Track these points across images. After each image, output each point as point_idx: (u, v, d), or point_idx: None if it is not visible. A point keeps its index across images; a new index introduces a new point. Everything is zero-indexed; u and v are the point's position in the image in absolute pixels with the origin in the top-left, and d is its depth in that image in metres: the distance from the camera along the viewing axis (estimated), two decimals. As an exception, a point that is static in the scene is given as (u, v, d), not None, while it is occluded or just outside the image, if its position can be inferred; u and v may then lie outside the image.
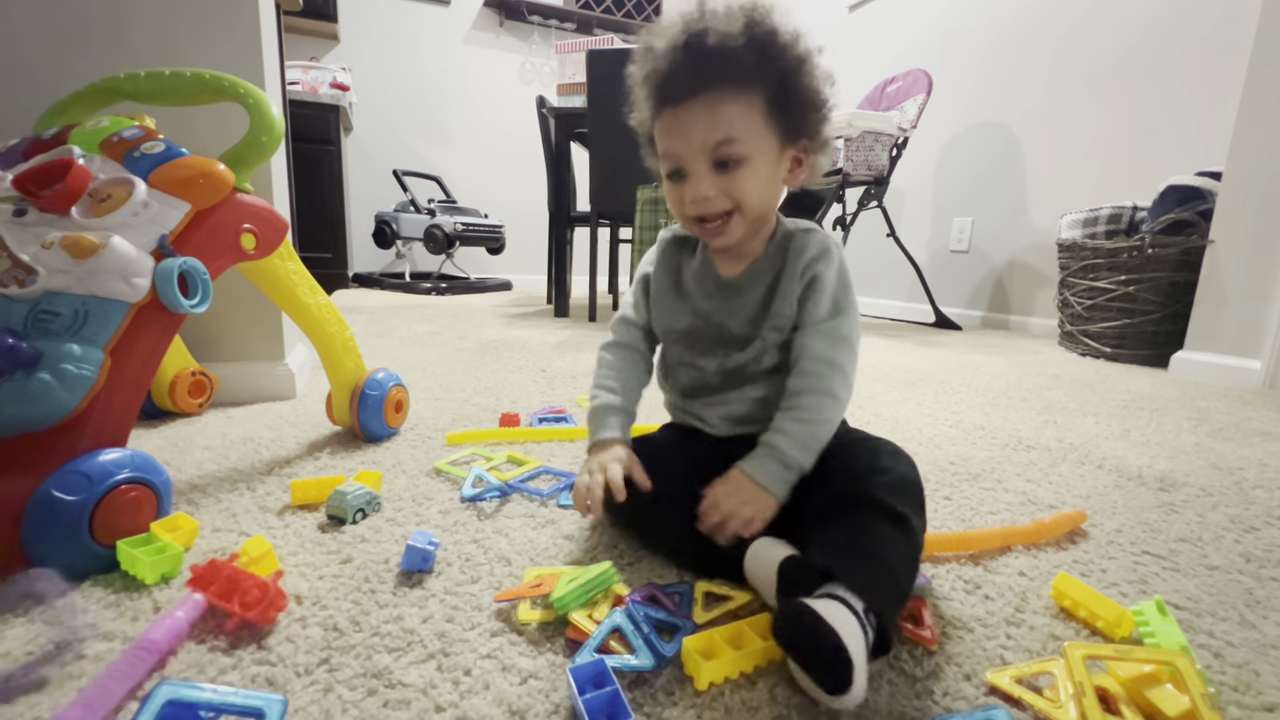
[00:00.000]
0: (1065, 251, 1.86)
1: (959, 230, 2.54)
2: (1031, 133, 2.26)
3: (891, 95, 2.37)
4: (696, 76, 0.50)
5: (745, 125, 0.51)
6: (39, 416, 0.50)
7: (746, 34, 0.50)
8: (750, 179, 0.52)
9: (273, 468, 0.75)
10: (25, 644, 0.42)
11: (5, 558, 0.48)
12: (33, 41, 0.86)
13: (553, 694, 0.39)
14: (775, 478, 0.51)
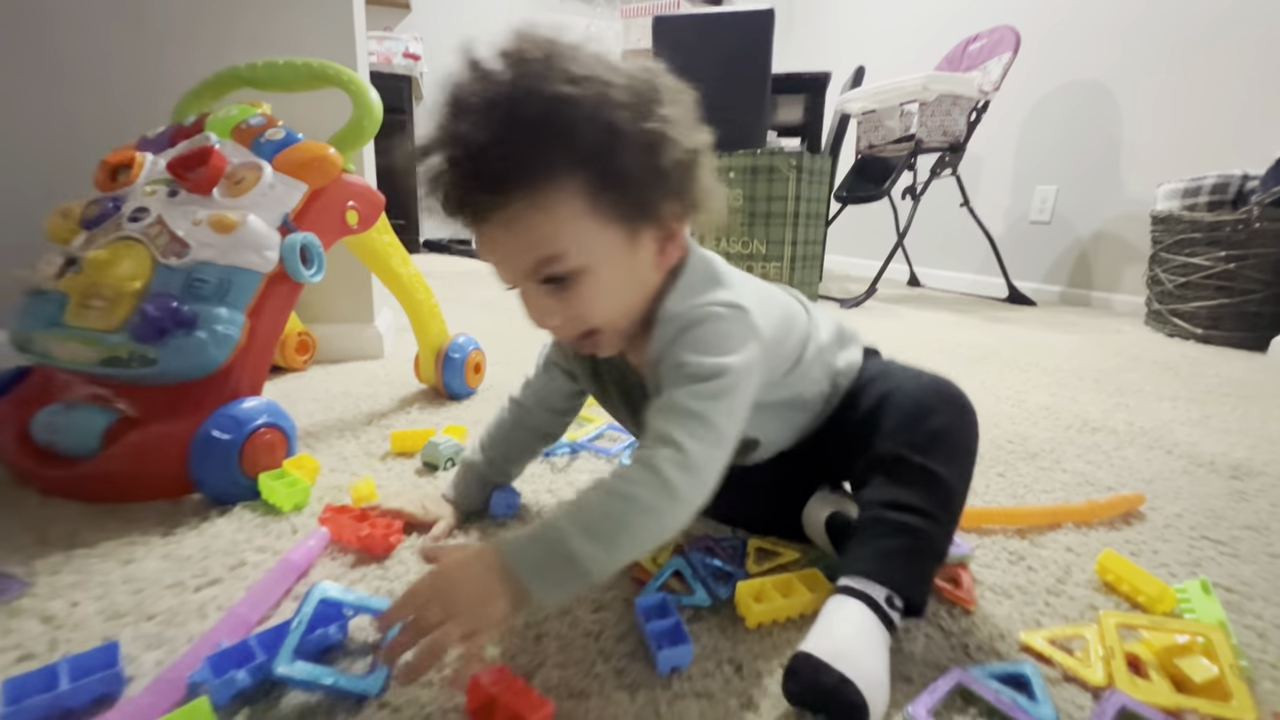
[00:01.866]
0: (1159, 224, 1.73)
1: (1041, 199, 2.39)
2: (1130, 92, 2.08)
3: (974, 54, 2.23)
4: (472, 199, 0.39)
5: (564, 235, 0.38)
6: (195, 368, 0.59)
7: (519, 120, 0.36)
8: (593, 295, 0.41)
9: (371, 419, 0.84)
10: None
11: (177, 483, 0.58)
12: (166, 38, 0.96)
13: (620, 622, 0.45)
14: (534, 567, 0.35)
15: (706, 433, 0.38)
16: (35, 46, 0.92)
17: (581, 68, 0.37)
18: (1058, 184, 2.33)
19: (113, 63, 0.95)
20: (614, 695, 0.38)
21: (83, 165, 0.75)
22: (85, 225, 0.66)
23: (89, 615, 0.44)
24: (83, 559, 0.50)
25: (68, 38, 0.93)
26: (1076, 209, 2.28)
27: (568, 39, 0.39)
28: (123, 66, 0.95)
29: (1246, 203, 1.55)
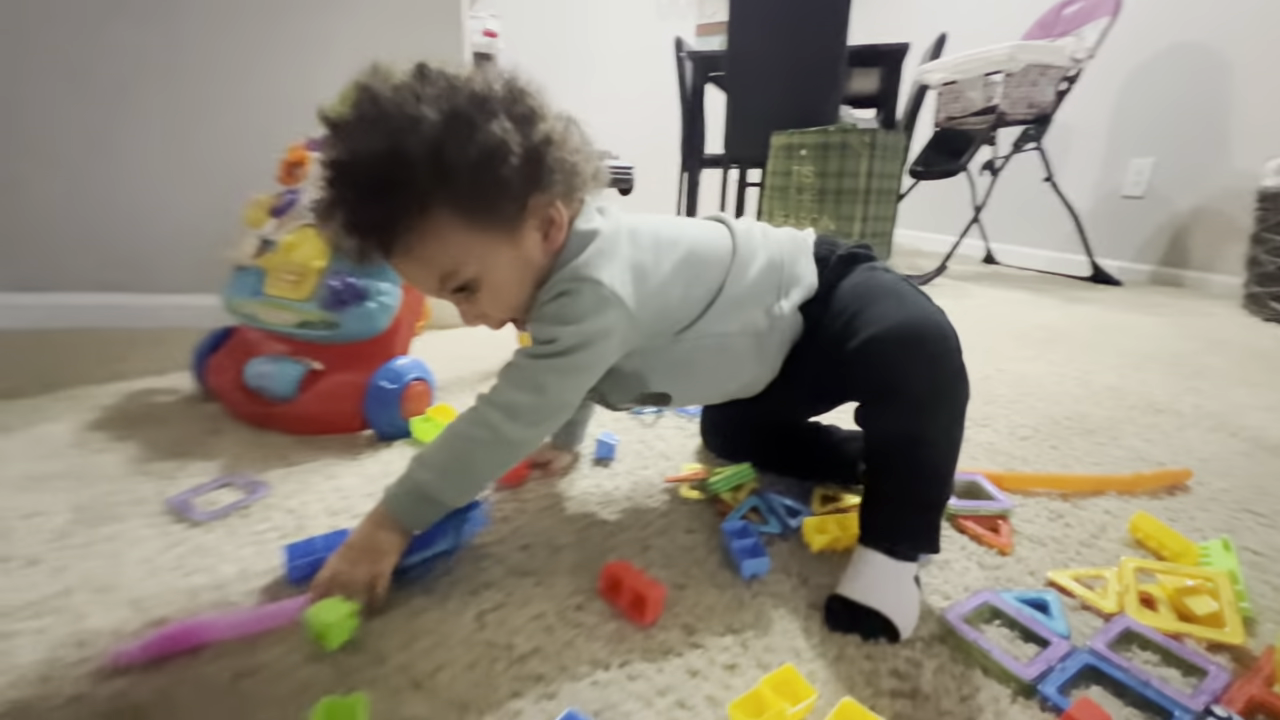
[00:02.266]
0: (1265, 202, 1.64)
1: (1136, 172, 2.27)
2: (1242, 56, 1.93)
3: (1069, 18, 2.12)
4: (365, 244, 0.45)
5: (454, 252, 0.45)
6: (367, 331, 0.75)
7: (367, 181, 0.42)
8: (494, 293, 0.48)
9: (487, 378, 0.99)
10: (380, 473, 0.67)
11: (354, 421, 0.74)
12: (304, 53, 1.12)
13: (709, 542, 0.57)
14: (406, 511, 0.47)
15: (531, 389, 0.47)
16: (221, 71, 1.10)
17: (396, 111, 0.41)
18: (1155, 156, 2.21)
19: (272, 72, 1.12)
20: (707, 590, 0.50)
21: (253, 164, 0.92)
22: (274, 213, 0.82)
23: (316, 511, 0.59)
24: (299, 474, 0.66)
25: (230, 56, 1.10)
26: (1174, 183, 2.15)
27: (390, 78, 0.43)
28: (278, 74, 1.12)
29: (1367, 179, 1.45)
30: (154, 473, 0.65)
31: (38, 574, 0.49)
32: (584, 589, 0.49)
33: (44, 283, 1.17)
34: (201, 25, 1.10)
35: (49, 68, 1.08)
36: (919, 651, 0.44)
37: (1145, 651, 0.45)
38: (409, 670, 0.41)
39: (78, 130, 1.12)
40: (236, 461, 0.68)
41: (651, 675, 0.41)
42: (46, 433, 0.74)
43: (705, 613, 0.47)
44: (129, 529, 0.55)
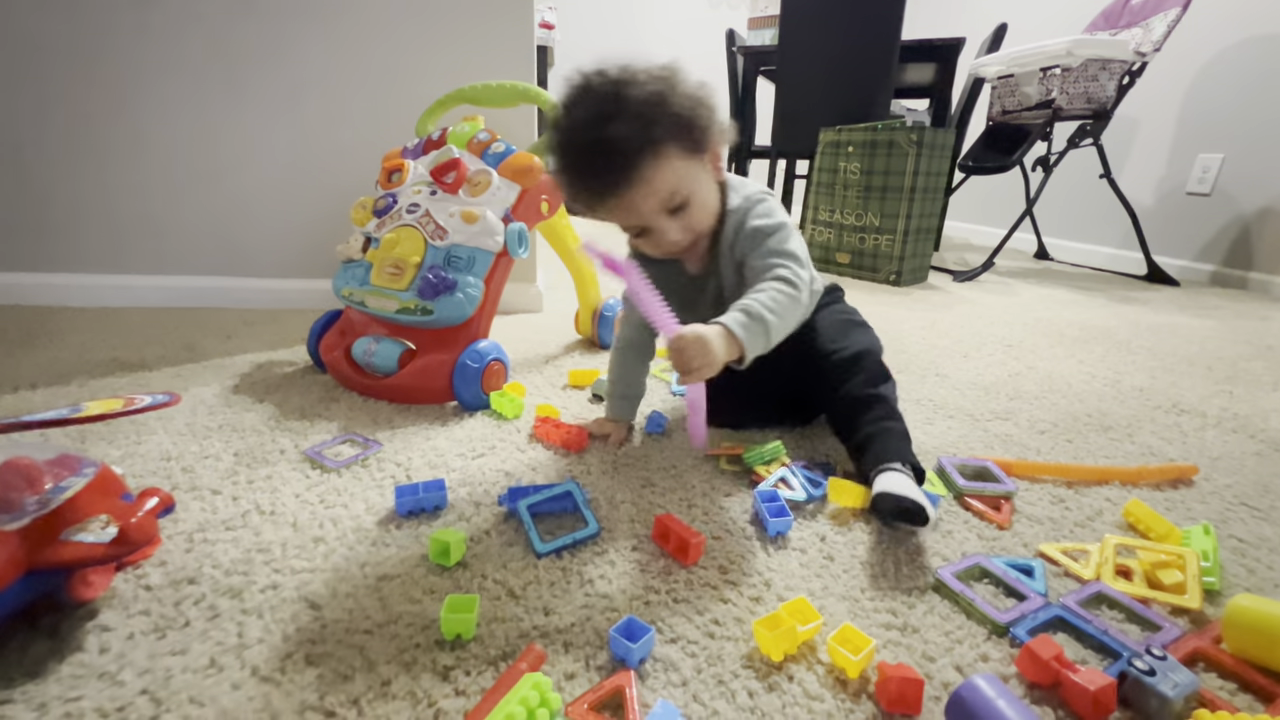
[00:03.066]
0: (1334, 203, 1.59)
1: (1203, 169, 2.20)
2: (1330, 49, 1.85)
3: (1136, 9, 2.06)
4: (615, 178, 0.60)
5: (677, 176, 0.62)
6: (456, 318, 0.87)
7: (626, 115, 0.58)
8: (698, 210, 0.66)
9: (547, 360, 1.11)
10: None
11: (444, 393, 0.87)
12: (405, 67, 1.26)
13: (743, 503, 0.67)
14: (747, 333, 0.60)
15: (793, 260, 0.67)
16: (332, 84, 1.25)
17: (645, 78, 0.61)
18: (1224, 152, 2.14)
19: (375, 87, 1.26)
20: (740, 541, 0.60)
21: (356, 169, 1.07)
22: (376, 214, 0.96)
23: (419, 465, 0.73)
24: (402, 435, 0.80)
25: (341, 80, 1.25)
26: (1243, 180, 2.08)
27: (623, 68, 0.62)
28: (383, 88, 1.26)
29: None
30: (290, 429, 0.80)
31: (220, 500, 0.64)
32: (640, 534, 0.61)
33: (174, 266, 1.36)
34: (320, 43, 1.24)
35: (195, 74, 1.26)
36: (914, 596, 0.54)
37: (1112, 611, 0.53)
38: (506, 584, 0.53)
39: (216, 136, 1.29)
40: (351, 423, 0.83)
41: (692, 599, 0.52)
42: (200, 394, 0.91)
43: (737, 558, 0.58)
44: (279, 471, 0.70)
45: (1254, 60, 2.04)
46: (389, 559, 0.56)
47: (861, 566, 0.58)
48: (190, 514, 0.62)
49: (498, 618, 0.49)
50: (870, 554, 0.59)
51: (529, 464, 0.74)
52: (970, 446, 0.83)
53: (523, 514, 0.60)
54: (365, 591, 0.52)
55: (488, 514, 0.63)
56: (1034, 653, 0.44)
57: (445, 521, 0.62)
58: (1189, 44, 2.16)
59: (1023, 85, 2.13)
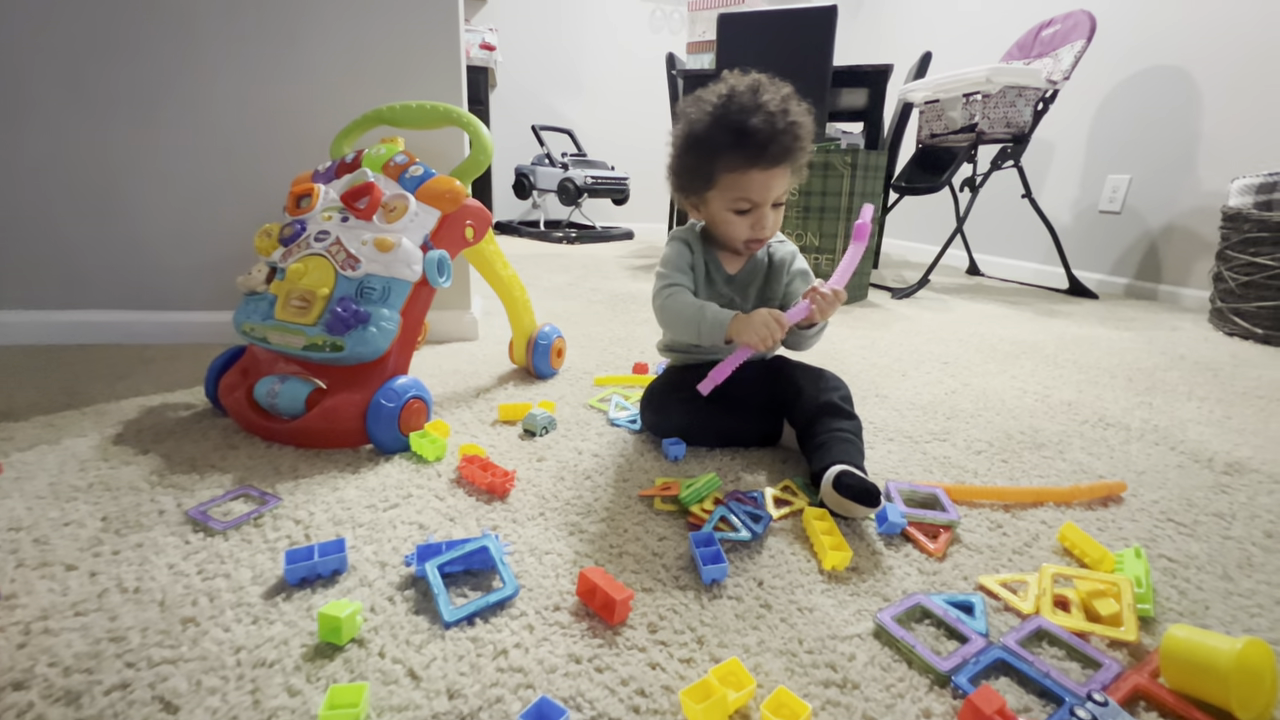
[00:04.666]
0: (1228, 221, 1.71)
1: (1112, 189, 2.34)
2: (1211, 80, 2.01)
3: (1046, 40, 2.20)
4: (787, 151, 0.76)
5: (792, 176, 0.80)
6: (369, 353, 0.81)
7: (803, 117, 0.77)
8: (781, 213, 0.83)
9: (478, 393, 1.05)
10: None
11: (356, 437, 0.80)
12: (311, 85, 1.19)
13: (677, 548, 0.63)
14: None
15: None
16: (240, 101, 1.17)
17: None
18: (1131, 173, 2.28)
19: (288, 107, 1.18)
20: (672, 592, 0.56)
21: (266, 194, 0.99)
22: (282, 242, 0.89)
23: (322, 521, 0.65)
24: (306, 486, 0.72)
25: (258, 90, 1.17)
26: (1149, 200, 2.23)
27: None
28: (292, 107, 1.19)
29: (1322, 201, 1.52)
30: (174, 485, 0.71)
31: (74, 578, 0.55)
32: (565, 590, 0.56)
33: (62, 300, 1.23)
34: (219, 54, 1.16)
35: (72, 96, 1.15)
36: (853, 646, 0.50)
37: (1053, 648, 0.51)
38: (406, 662, 0.47)
39: (97, 153, 1.18)
40: (249, 474, 0.74)
41: (617, 667, 0.47)
42: (74, 446, 0.80)
43: (668, 613, 0.53)
44: (154, 537, 0.61)
45: (1152, 89, 2.20)
46: (270, 640, 0.49)
47: (800, 614, 0.54)
48: (34, 598, 0.53)
49: (392, 707, 0.43)
50: (808, 597, 0.56)
51: (448, 513, 0.68)
52: (910, 471, 0.82)
53: (431, 577, 0.54)
54: (236, 685, 0.44)
55: (393, 576, 0.57)
56: (976, 707, 0.41)
57: (343, 589, 0.55)
58: (1095, 74, 2.32)
59: (948, 110, 2.23)
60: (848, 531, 0.66)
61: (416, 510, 0.68)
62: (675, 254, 0.87)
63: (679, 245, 0.87)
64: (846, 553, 0.60)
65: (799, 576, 0.59)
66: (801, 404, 0.81)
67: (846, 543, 0.62)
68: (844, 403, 0.81)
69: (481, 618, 0.52)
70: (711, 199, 0.81)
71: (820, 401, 0.80)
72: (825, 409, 0.79)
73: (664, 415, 0.86)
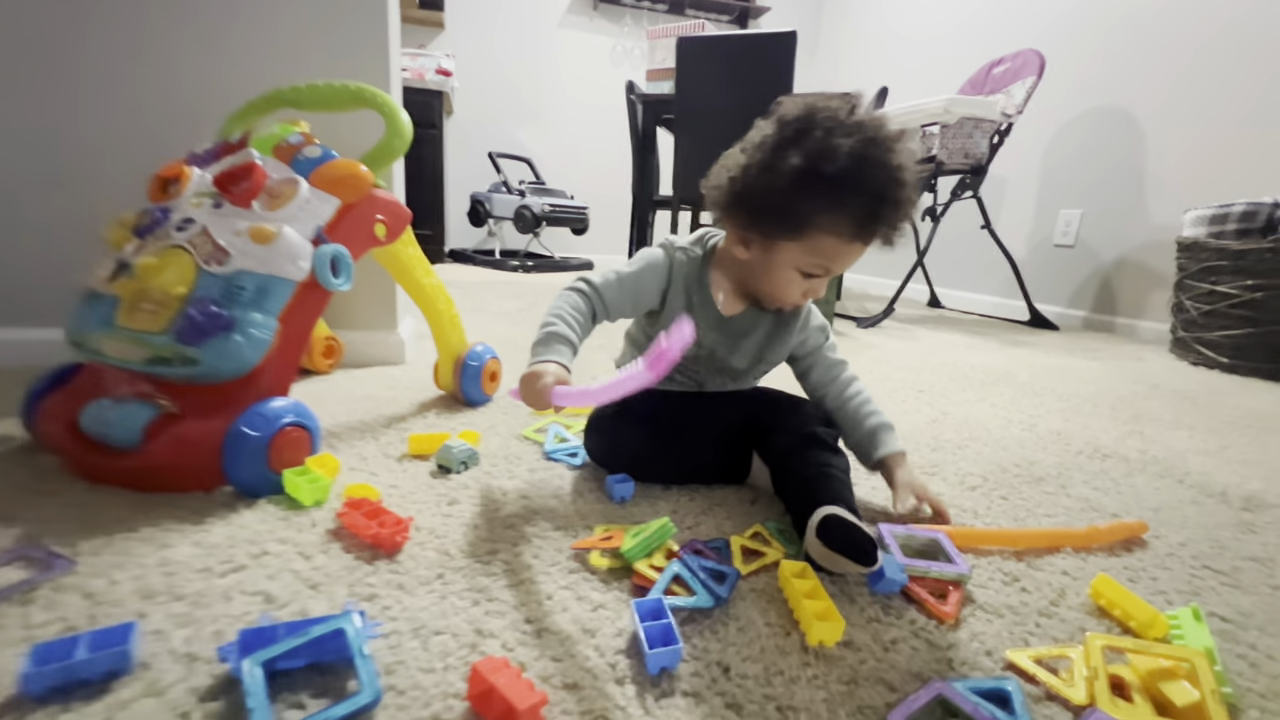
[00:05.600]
0: (1185, 251, 1.71)
1: (1065, 223, 2.37)
2: (1158, 117, 2.07)
3: (998, 78, 2.24)
4: (886, 237, 0.62)
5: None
6: (232, 370, 0.64)
7: (912, 190, 0.61)
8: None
9: (391, 422, 0.88)
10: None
11: (211, 475, 0.62)
12: (214, 57, 1.03)
13: (617, 620, 0.47)
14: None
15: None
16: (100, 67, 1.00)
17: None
18: (1082, 208, 2.32)
19: (164, 81, 1.02)
20: (605, 688, 0.40)
21: (130, 181, 0.81)
22: (137, 233, 0.72)
23: (126, 594, 0.47)
24: (123, 542, 0.54)
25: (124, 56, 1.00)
26: (1101, 234, 2.26)
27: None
28: (174, 83, 1.02)
29: (1276, 231, 1.53)
30: (-74, 545, 0.52)
31: None
32: (452, 693, 0.39)
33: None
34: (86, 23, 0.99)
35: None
36: (858, 769, 0.35)
37: (1122, 755, 0.37)
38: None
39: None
40: (47, 529, 0.55)
41: (513, 824, 0.31)
42: None
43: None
44: None
45: (1100, 126, 2.25)
46: None
47: (780, 715, 0.39)
48: None
49: None
50: (790, 690, 0.41)
51: (311, 579, 0.51)
52: (900, 511, 0.69)
53: (248, 681, 0.37)
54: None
55: (202, 678, 0.39)
56: None
57: (116, 702, 0.37)
58: (1045, 112, 2.37)
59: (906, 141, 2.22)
60: (835, 591, 0.52)
61: (268, 575, 0.51)
62: (640, 273, 0.69)
63: (657, 270, 0.69)
64: (838, 623, 0.46)
65: (776, 658, 0.44)
66: (778, 435, 0.67)
67: (835, 608, 0.48)
68: (829, 436, 0.67)
69: (319, 743, 0.35)
70: (782, 249, 0.62)
71: (802, 433, 0.66)
72: (808, 441, 0.65)
73: (611, 441, 0.71)
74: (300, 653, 0.40)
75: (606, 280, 0.70)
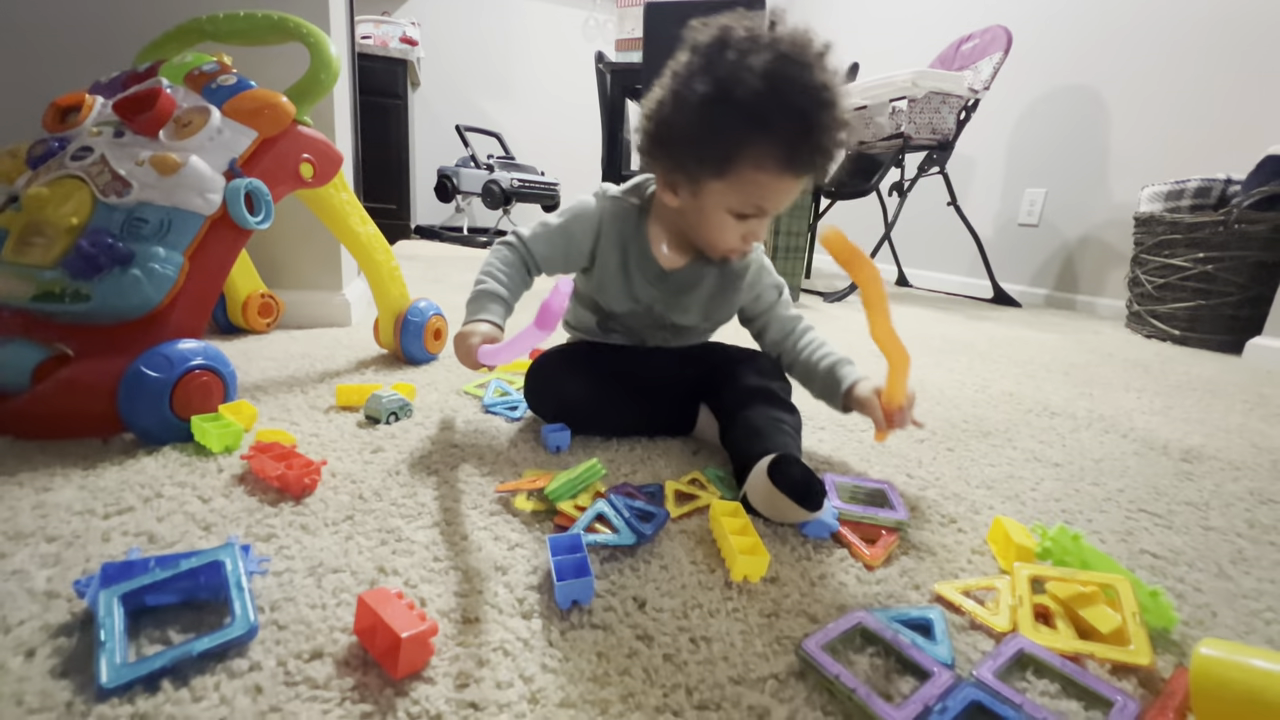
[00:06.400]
0: (1141, 226, 1.73)
1: (1030, 202, 2.39)
2: (1120, 97, 2.09)
3: (966, 54, 2.23)
4: (831, 159, 0.56)
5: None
6: (131, 307, 0.59)
7: (843, 115, 0.55)
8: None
9: (324, 378, 0.84)
10: (119, 484, 0.51)
11: (106, 422, 0.58)
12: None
13: (533, 559, 0.45)
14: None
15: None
16: None
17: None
18: (1047, 187, 2.34)
19: (75, 6, 0.94)
20: (509, 622, 0.38)
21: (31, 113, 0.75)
22: (30, 164, 0.66)
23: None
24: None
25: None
26: (1064, 212, 2.28)
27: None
28: (85, 11, 0.95)
29: (1228, 205, 1.55)
30: None
31: None
32: (339, 628, 0.36)
33: None
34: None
35: None
36: (768, 694, 0.34)
37: (1042, 680, 0.36)
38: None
39: None
40: (-89, 472, 0.51)
41: (382, 754, 0.28)
42: None
43: (494, 655, 0.35)
44: None
45: (1064, 106, 2.27)
46: None
47: (693, 647, 0.37)
48: None
49: None
50: (707, 622, 0.39)
51: (207, 520, 0.47)
52: (844, 460, 0.68)
53: (102, 611, 0.33)
54: None
55: (60, 614, 0.36)
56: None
57: (-49, 639, 0.33)
58: (1012, 90, 2.38)
59: (875, 116, 2.21)
60: (766, 532, 0.50)
61: (157, 517, 0.47)
62: (565, 226, 0.65)
63: (584, 222, 0.65)
64: (763, 557, 0.44)
65: (697, 593, 0.42)
66: (731, 387, 0.65)
67: (764, 545, 0.46)
68: (784, 393, 0.65)
69: (177, 678, 0.32)
70: (711, 190, 0.57)
71: (754, 385, 0.64)
72: (760, 394, 0.63)
73: (550, 386, 0.68)
74: (171, 587, 0.36)
75: (535, 232, 0.67)
